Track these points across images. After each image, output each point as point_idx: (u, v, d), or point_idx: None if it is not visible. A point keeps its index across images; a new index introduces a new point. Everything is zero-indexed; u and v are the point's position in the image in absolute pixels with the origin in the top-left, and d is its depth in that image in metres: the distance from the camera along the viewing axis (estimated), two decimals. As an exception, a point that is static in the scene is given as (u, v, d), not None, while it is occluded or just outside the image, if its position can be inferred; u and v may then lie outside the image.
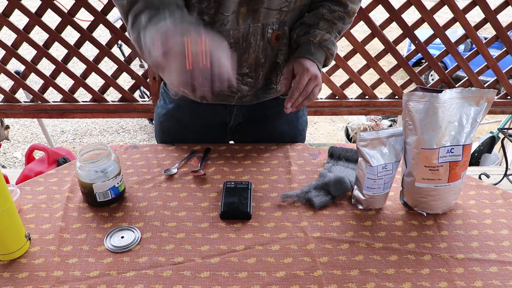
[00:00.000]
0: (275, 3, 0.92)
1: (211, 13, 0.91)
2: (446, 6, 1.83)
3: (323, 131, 4.21)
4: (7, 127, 2.66)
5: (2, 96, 2.07)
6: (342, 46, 0.99)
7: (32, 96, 2.07)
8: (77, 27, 1.87)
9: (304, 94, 0.94)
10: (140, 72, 2.06)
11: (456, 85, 1.94)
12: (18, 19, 1.98)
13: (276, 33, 0.98)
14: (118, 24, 1.94)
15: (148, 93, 3.68)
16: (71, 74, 2.00)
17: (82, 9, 1.83)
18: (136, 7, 0.84)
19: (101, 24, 1.87)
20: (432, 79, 5.08)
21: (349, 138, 3.55)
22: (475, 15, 1.91)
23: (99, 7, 1.87)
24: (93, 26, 1.88)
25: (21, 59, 1.95)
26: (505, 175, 2.33)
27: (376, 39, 1.93)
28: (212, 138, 1.20)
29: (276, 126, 1.19)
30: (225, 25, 0.92)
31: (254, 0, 0.90)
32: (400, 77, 4.89)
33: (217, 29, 0.93)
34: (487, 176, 2.30)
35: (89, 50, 2.50)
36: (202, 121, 1.16)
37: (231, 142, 1.25)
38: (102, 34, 4.44)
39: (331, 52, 1.01)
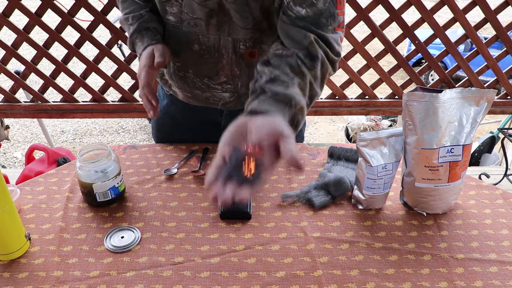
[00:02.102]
0: (244, 22, 0.89)
1: (175, 11, 0.92)
2: (446, 6, 1.83)
3: (323, 131, 4.21)
4: (7, 127, 2.66)
5: (2, 96, 2.07)
6: (342, 46, 0.98)
7: (32, 96, 2.07)
8: (77, 27, 1.87)
9: None
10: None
11: (456, 85, 1.94)
12: (18, 19, 1.98)
13: (250, 51, 0.94)
14: (118, 24, 1.94)
15: (148, 93, 3.68)
16: (71, 74, 2.00)
17: (82, 9, 1.82)
18: None
19: (101, 24, 1.87)
20: (432, 79, 5.08)
21: (349, 138, 3.55)
22: (475, 15, 1.90)
23: (99, 7, 1.87)
24: (93, 26, 1.88)
25: (21, 59, 1.95)
26: (505, 175, 2.33)
27: (376, 39, 1.93)
28: (207, 137, 1.19)
29: None
30: (192, 26, 0.92)
31: (222, 12, 0.89)
32: (400, 77, 4.89)
33: (185, 28, 0.93)
34: (487, 176, 2.30)
35: (89, 50, 2.50)
36: (195, 119, 1.17)
37: None
38: (102, 34, 4.43)
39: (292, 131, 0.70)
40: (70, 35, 1.99)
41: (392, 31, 2.52)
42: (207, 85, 1.02)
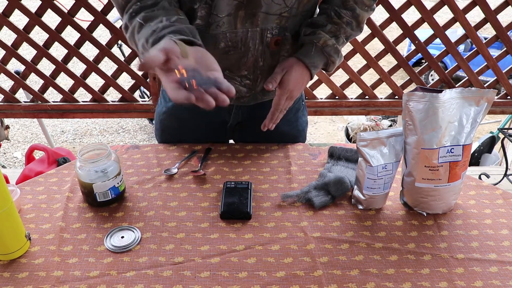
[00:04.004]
0: (274, 8, 0.91)
1: (203, 15, 0.90)
2: (446, 6, 1.83)
3: (323, 131, 4.21)
4: (7, 127, 2.65)
5: (2, 96, 2.07)
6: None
7: (32, 96, 2.07)
8: (77, 27, 1.87)
9: (282, 111, 1.01)
10: (140, 72, 2.06)
11: (456, 85, 1.94)
12: (18, 19, 1.99)
13: (276, 38, 0.97)
14: (118, 24, 1.94)
15: (148, 93, 3.68)
16: (71, 74, 2.00)
17: (82, 9, 1.83)
18: (130, 4, 0.84)
19: (101, 24, 1.87)
20: (432, 79, 5.08)
21: (349, 138, 3.55)
22: (475, 15, 1.91)
23: (99, 7, 1.87)
24: (93, 26, 1.88)
25: (21, 59, 1.95)
26: (505, 175, 2.33)
27: (376, 39, 1.93)
28: (212, 137, 1.19)
29: (276, 126, 1.19)
30: (220, 26, 0.92)
31: (252, 3, 0.89)
32: (400, 77, 4.89)
33: (212, 31, 0.92)
34: (487, 176, 2.30)
35: (89, 50, 2.50)
36: (201, 119, 1.17)
37: (231, 141, 1.25)
38: (102, 34, 4.44)
39: (333, 59, 1.00)
40: (70, 35, 1.99)
41: (392, 31, 2.52)
42: (226, 77, 1.02)
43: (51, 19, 1.94)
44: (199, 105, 0.65)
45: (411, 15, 1.89)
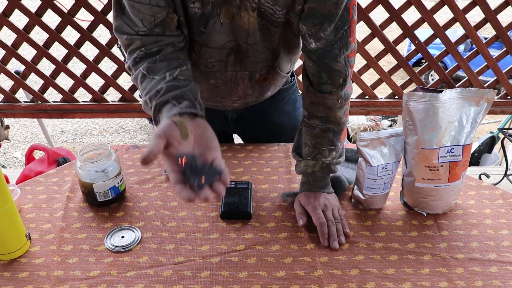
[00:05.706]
0: (260, 57, 0.92)
1: (193, 57, 0.92)
2: (446, 6, 1.83)
3: (323, 131, 4.20)
4: (7, 127, 2.66)
5: (2, 96, 2.07)
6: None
7: (32, 96, 2.07)
8: (77, 27, 1.87)
9: (331, 224, 0.88)
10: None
11: (456, 85, 1.94)
12: (18, 19, 1.98)
13: (265, 76, 0.99)
14: (118, 24, 1.94)
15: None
16: (71, 74, 2.00)
17: (82, 9, 1.82)
18: (134, 45, 0.82)
19: (101, 24, 1.87)
20: (432, 79, 5.09)
21: (349, 138, 3.55)
22: (475, 15, 1.90)
23: (99, 7, 1.87)
24: (93, 26, 1.88)
25: (21, 59, 1.95)
26: (505, 175, 2.33)
27: (376, 39, 1.93)
28: (215, 130, 1.20)
29: (275, 118, 1.20)
30: (210, 68, 0.94)
31: (239, 52, 0.91)
32: (400, 77, 4.89)
33: (203, 69, 0.94)
34: (487, 176, 2.30)
35: (89, 50, 2.49)
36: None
37: (234, 136, 1.25)
38: (102, 34, 4.43)
39: (332, 169, 0.94)
40: (70, 35, 1.99)
41: (392, 31, 2.51)
42: (219, 101, 1.06)
43: (51, 19, 1.94)
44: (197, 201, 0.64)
45: (411, 15, 1.89)
